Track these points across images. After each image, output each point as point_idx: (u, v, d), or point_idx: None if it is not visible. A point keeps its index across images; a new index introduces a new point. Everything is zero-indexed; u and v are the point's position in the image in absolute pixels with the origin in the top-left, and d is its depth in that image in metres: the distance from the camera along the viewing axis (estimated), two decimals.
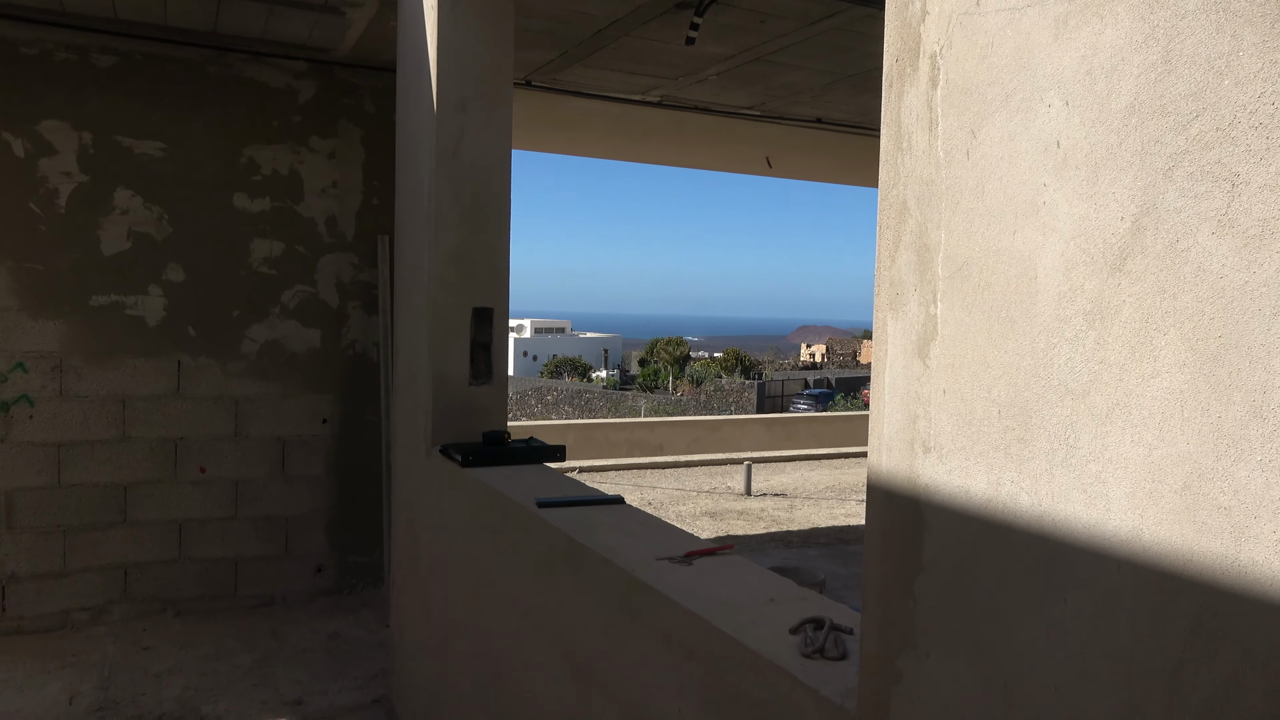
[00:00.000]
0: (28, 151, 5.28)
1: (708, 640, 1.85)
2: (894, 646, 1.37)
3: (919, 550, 1.33)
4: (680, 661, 1.95)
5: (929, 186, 1.33)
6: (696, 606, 1.93)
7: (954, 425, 1.28)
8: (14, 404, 5.28)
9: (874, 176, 9.47)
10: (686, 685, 1.93)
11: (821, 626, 1.78)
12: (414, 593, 4.11)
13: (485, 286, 3.89)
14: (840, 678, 1.59)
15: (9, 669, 4.84)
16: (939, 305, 1.31)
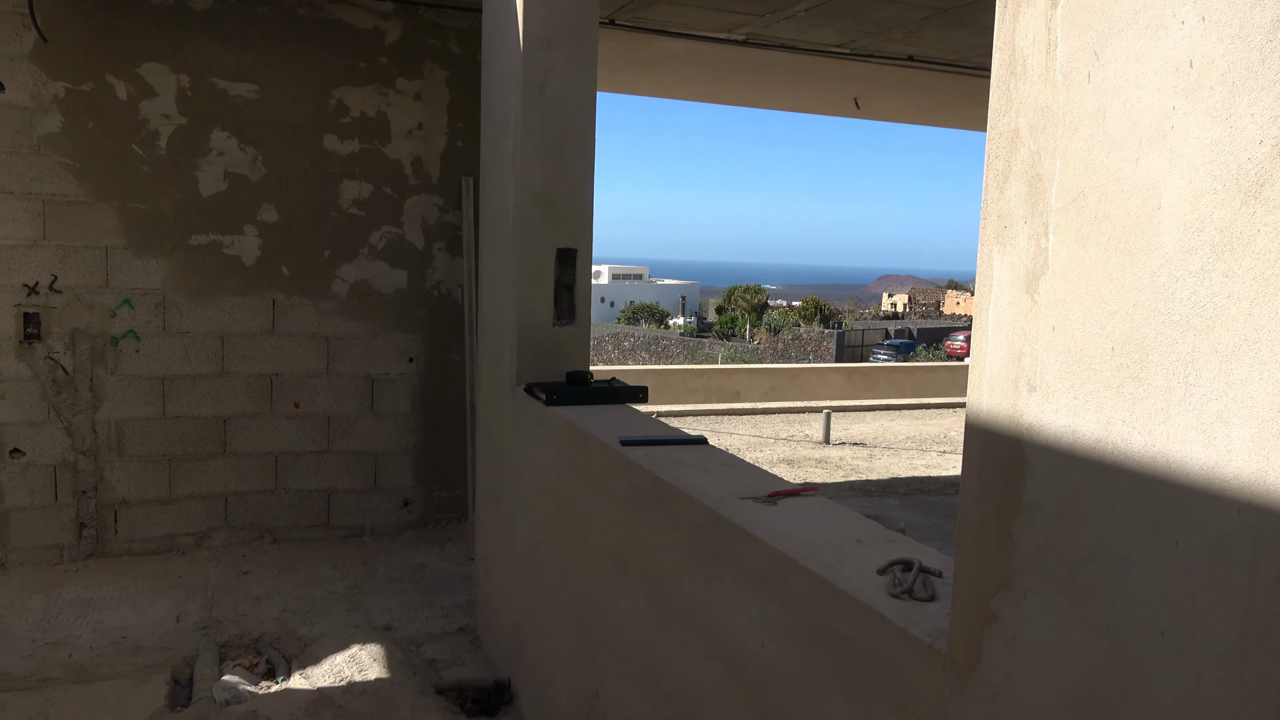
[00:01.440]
0: (130, 94, 5.46)
1: (793, 578, 1.86)
2: (989, 588, 1.35)
3: (1019, 492, 1.30)
4: (765, 598, 1.96)
5: (1044, 113, 1.26)
6: (782, 545, 1.93)
7: (1062, 363, 1.23)
8: (122, 338, 5.54)
9: (966, 117, 9.11)
10: (771, 621, 1.94)
11: (910, 568, 1.76)
12: (498, 527, 4.22)
13: (569, 227, 3.89)
14: (929, 618, 1.58)
15: (122, 587, 5.15)
16: (1051, 238, 1.25)
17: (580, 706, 3.11)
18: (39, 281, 5.36)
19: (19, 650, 4.32)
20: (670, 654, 2.42)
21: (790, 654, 1.87)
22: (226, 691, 3.90)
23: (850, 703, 1.68)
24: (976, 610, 1.37)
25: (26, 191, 5.29)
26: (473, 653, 4.41)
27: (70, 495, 5.50)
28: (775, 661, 1.93)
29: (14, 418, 5.35)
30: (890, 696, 1.58)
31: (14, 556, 5.40)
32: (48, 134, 5.31)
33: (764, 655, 1.97)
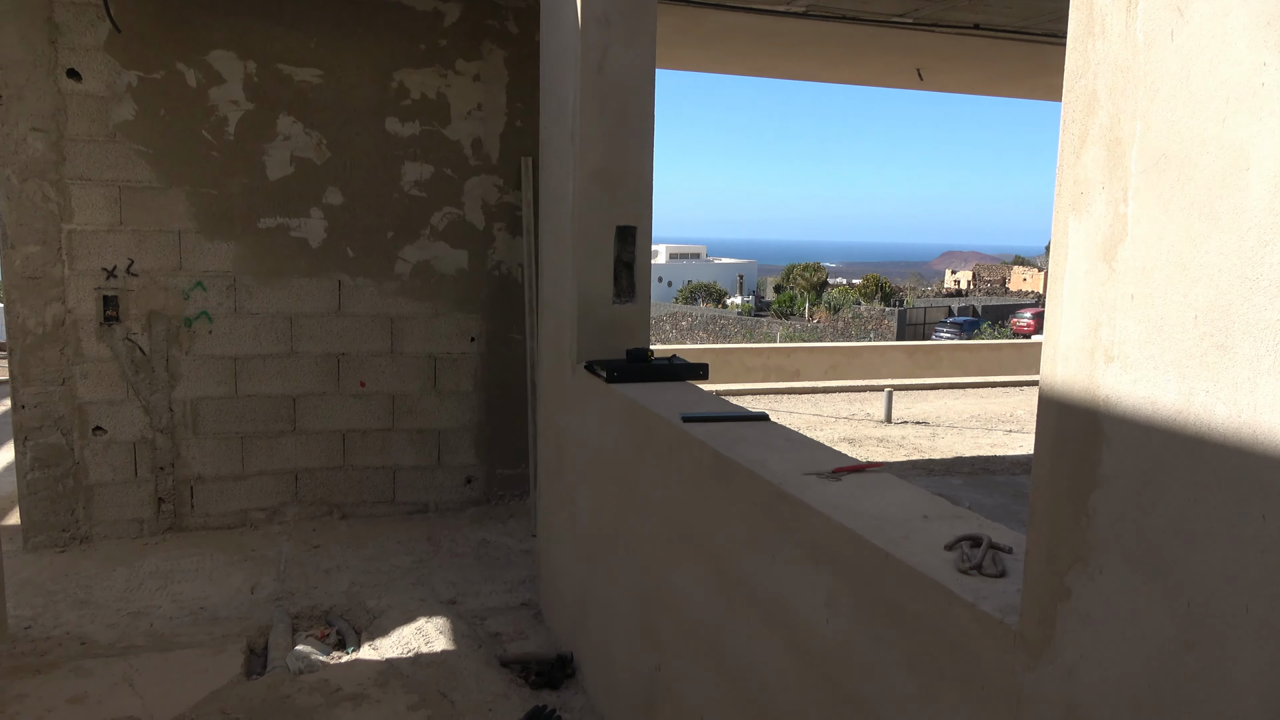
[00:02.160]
0: (199, 81, 5.60)
1: (858, 553, 1.84)
2: (1063, 563, 1.32)
3: (1095, 464, 1.27)
4: (829, 573, 1.95)
5: (1124, 74, 1.22)
6: (847, 520, 1.92)
7: (1142, 332, 1.20)
8: (195, 320, 5.72)
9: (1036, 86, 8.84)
10: (835, 596, 1.93)
11: (979, 544, 1.74)
12: (560, 504, 4.26)
13: (629, 204, 3.89)
14: (999, 594, 1.55)
15: (199, 560, 5.34)
16: (1130, 204, 1.21)
17: (642, 680, 3.14)
18: (117, 265, 5.54)
19: (104, 619, 4.51)
20: (733, 629, 2.43)
21: (855, 630, 1.86)
22: (300, 661, 4.02)
23: (917, 678, 1.67)
24: (1050, 585, 1.34)
25: (104, 178, 5.47)
26: (535, 627, 4.48)
27: (149, 471, 5.71)
28: (839, 637, 1.92)
29: (95, 397, 5.57)
30: (958, 672, 1.56)
31: (98, 530, 5.63)
32: (122, 122, 5.47)
33: (828, 631, 1.96)
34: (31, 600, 4.71)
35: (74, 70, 5.35)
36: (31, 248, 5.36)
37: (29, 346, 5.40)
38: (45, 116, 5.31)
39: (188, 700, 3.69)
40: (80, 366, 5.51)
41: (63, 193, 5.39)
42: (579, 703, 3.73)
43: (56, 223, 5.40)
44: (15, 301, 5.36)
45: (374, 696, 3.74)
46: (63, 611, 4.59)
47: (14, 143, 5.27)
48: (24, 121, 5.28)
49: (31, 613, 4.56)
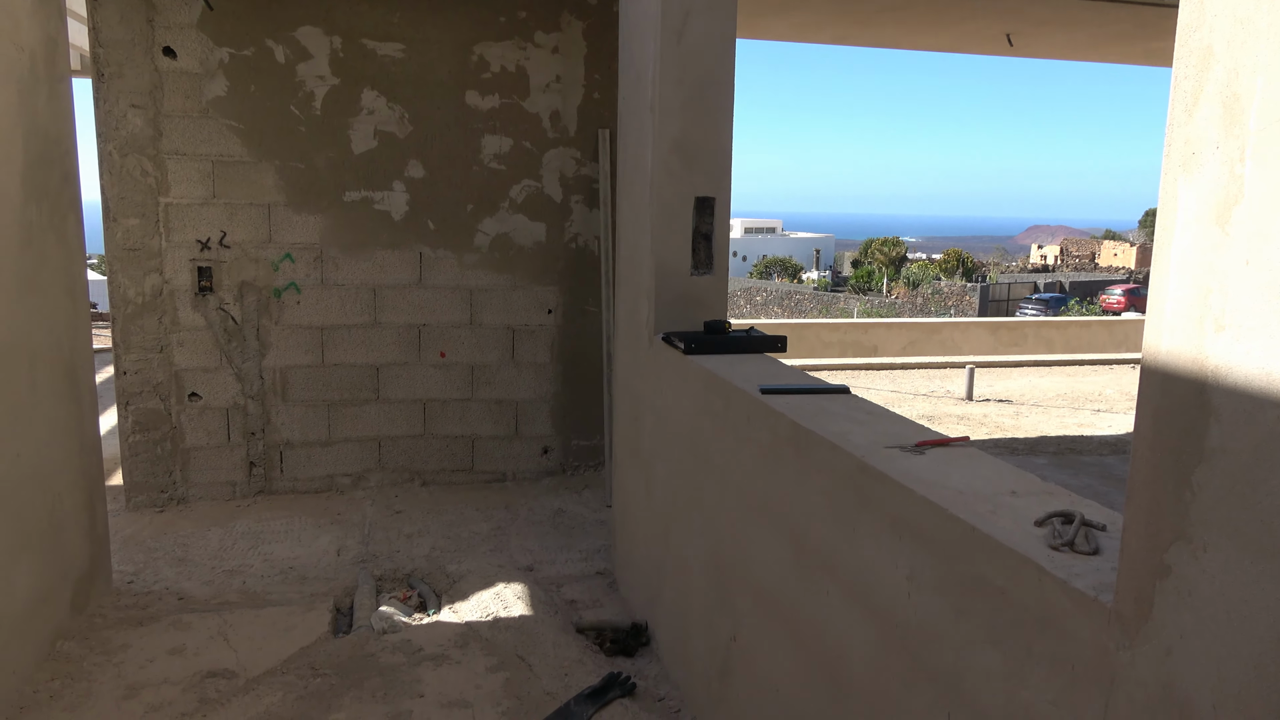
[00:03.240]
0: (287, 57, 5.73)
1: (943, 527, 1.81)
2: (1164, 539, 1.27)
3: (1201, 438, 1.22)
4: (912, 547, 1.92)
5: (1243, 25, 1.15)
6: (932, 494, 1.88)
7: (1257, 300, 1.14)
8: (284, 290, 5.89)
9: (1134, 50, 8.43)
10: (918, 570, 1.90)
11: (1071, 521, 1.69)
12: (635, 474, 4.29)
13: (707, 175, 3.86)
14: (1093, 571, 1.51)
15: (288, 522, 5.54)
16: (1247, 164, 1.15)
17: (717, 650, 3.15)
18: (210, 237, 5.74)
19: (201, 576, 4.72)
20: (810, 601, 2.41)
21: (938, 604, 1.83)
22: (383, 621, 4.15)
23: (1003, 654, 1.64)
24: (1149, 562, 1.30)
25: (198, 153, 5.66)
26: (610, 595, 4.53)
27: (241, 436, 5.93)
28: (921, 611, 1.89)
29: (191, 364, 5.80)
30: (1047, 649, 1.52)
31: (194, 492, 5.89)
32: (215, 98, 5.65)
33: (909, 605, 1.93)
34: (133, 556, 4.95)
35: (169, 48, 5.53)
36: (131, 220, 5.59)
37: (129, 315, 5.65)
38: (143, 93, 5.51)
39: (278, 655, 3.84)
40: (177, 335, 5.74)
41: (160, 167, 5.60)
42: (653, 670, 3.76)
43: (154, 196, 5.61)
44: (117, 272, 5.61)
45: (454, 657, 3.83)
46: (162, 568, 4.82)
47: (114, 119, 5.48)
48: (123, 98, 5.48)
49: (133, 568, 4.80)
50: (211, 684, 3.61)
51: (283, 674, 3.69)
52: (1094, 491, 6.31)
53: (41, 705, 3.44)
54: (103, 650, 3.86)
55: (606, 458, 6.06)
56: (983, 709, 1.70)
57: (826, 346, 13.79)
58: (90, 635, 3.98)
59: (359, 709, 3.44)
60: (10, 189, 3.52)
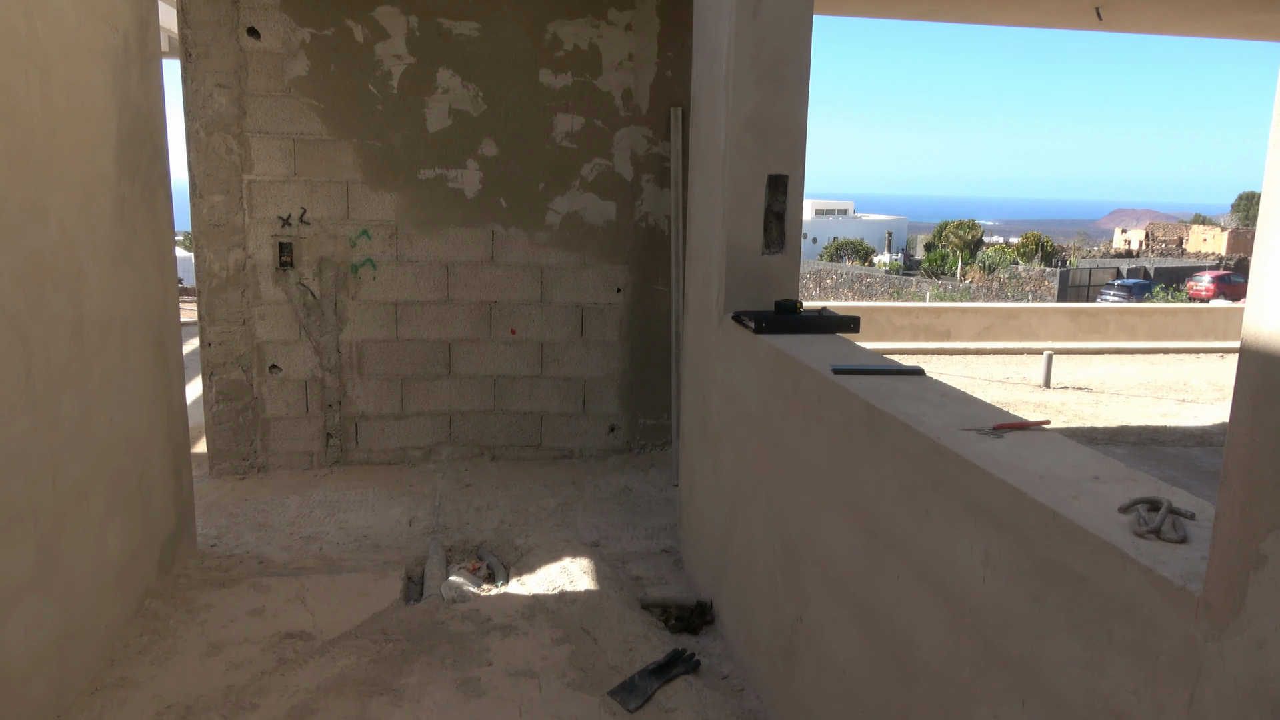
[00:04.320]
0: (366, 37, 5.83)
1: (1022, 512, 1.76)
2: (1260, 528, 1.22)
3: None
4: (988, 532, 1.88)
5: None
6: (1010, 477, 1.84)
7: None
8: (361, 266, 6.02)
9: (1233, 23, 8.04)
10: (994, 555, 1.86)
11: (1157, 508, 1.63)
12: (702, 454, 4.28)
13: (781, 153, 3.81)
14: (1180, 560, 1.45)
15: (362, 492, 5.69)
16: None
17: (783, 630, 3.14)
18: (291, 214, 5.89)
19: (279, 542, 4.88)
20: (880, 584, 2.39)
21: (1015, 590, 1.79)
22: (453, 591, 4.24)
23: (1082, 642, 1.59)
24: (1243, 551, 1.25)
25: (280, 131, 5.80)
26: (675, 573, 4.55)
27: (318, 408, 6.10)
28: (997, 596, 1.85)
29: (272, 337, 5.98)
30: (1129, 639, 1.48)
31: (274, 460, 6.08)
32: (296, 77, 5.78)
33: (984, 590, 1.90)
34: (216, 521, 5.14)
35: (254, 29, 5.67)
36: (216, 197, 5.77)
37: (214, 289, 5.84)
38: (228, 73, 5.67)
39: (353, 620, 3.95)
40: (259, 308, 5.92)
41: (243, 145, 5.76)
42: (718, 649, 3.77)
43: (238, 173, 5.78)
44: (203, 247, 5.80)
45: (521, 628, 3.90)
46: (243, 533, 5.00)
47: (201, 98, 5.65)
48: (210, 78, 5.65)
49: (216, 532, 4.99)
50: (289, 645, 3.74)
51: (357, 638, 3.80)
52: (1179, 483, 6.09)
53: (131, 659, 3.61)
54: (187, 609, 4.03)
55: (673, 436, 6.07)
56: (1060, 697, 1.66)
57: (897, 330, 13.56)
58: (176, 595, 4.15)
59: (429, 674, 3.53)
60: (105, 165, 3.66)
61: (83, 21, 3.48)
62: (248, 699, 3.34)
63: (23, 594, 2.98)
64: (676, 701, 3.37)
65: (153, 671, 3.52)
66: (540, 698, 3.40)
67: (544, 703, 3.37)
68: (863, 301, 30.72)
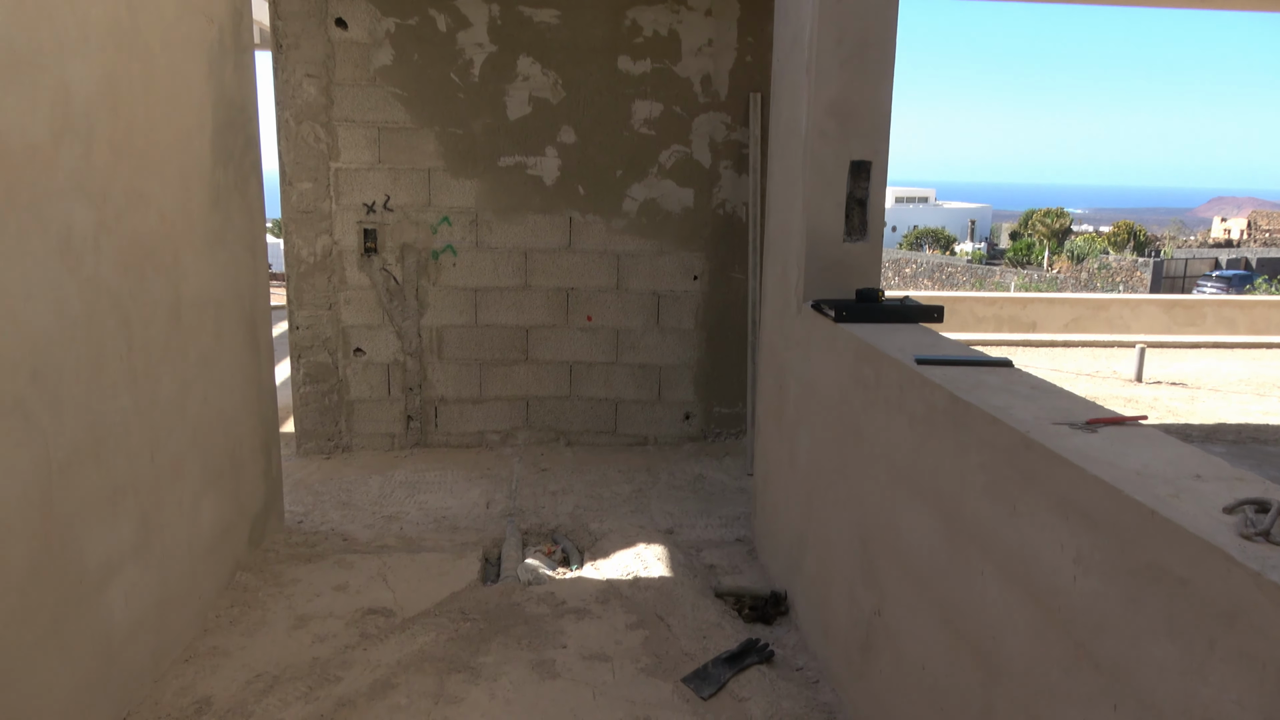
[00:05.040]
0: (448, 26, 5.90)
1: (1117, 510, 1.70)
2: None
3: None
4: (1080, 529, 1.81)
5: None
6: (1105, 474, 1.77)
7: None
8: (441, 253, 6.13)
9: None
10: (1086, 554, 1.79)
11: (1266, 509, 1.55)
12: (778, 443, 4.24)
13: (864, 138, 3.73)
14: None
15: (441, 474, 5.80)
16: None
17: (859, 623, 3.09)
18: (375, 201, 6.03)
19: (362, 520, 5.01)
20: (962, 580, 2.33)
21: (1108, 590, 1.73)
22: (529, 573, 4.29)
23: (1179, 647, 1.53)
24: None
25: (365, 120, 5.93)
26: (749, 563, 4.52)
27: (400, 391, 6.24)
28: (1088, 596, 1.79)
29: (356, 321, 6.13)
30: (1233, 645, 1.41)
31: (357, 441, 6.25)
32: (381, 67, 5.89)
33: (1075, 589, 1.83)
34: (303, 499, 5.31)
35: (341, 19, 5.80)
36: (305, 184, 5.93)
37: (302, 274, 6.02)
38: (316, 63, 5.81)
39: (432, 598, 4.04)
40: (344, 293, 6.08)
41: (331, 133, 5.90)
42: (792, 640, 3.74)
43: (325, 161, 5.93)
44: (291, 233, 5.97)
45: (595, 612, 3.93)
46: (328, 510, 5.15)
47: (291, 88, 5.81)
48: (299, 68, 5.80)
49: (303, 509, 5.15)
50: (371, 620, 3.84)
51: (435, 616, 3.88)
52: None
53: (222, 629, 3.75)
54: (275, 583, 4.17)
55: (749, 425, 6.03)
56: (1155, 703, 1.59)
57: (980, 321, 13.21)
58: (264, 568, 4.30)
59: (505, 654, 3.58)
60: (202, 153, 3.80)
61: (181, 14, 3.60)
62: (332, 671, 3.45)
63: (124, 563, 3.12)
64: (750, 691, 3.35)
65: (243, 641, 3.66)
66: (614, 681, 3.42)
67: (617, 686, 3.39)
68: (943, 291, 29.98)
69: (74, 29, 2.80)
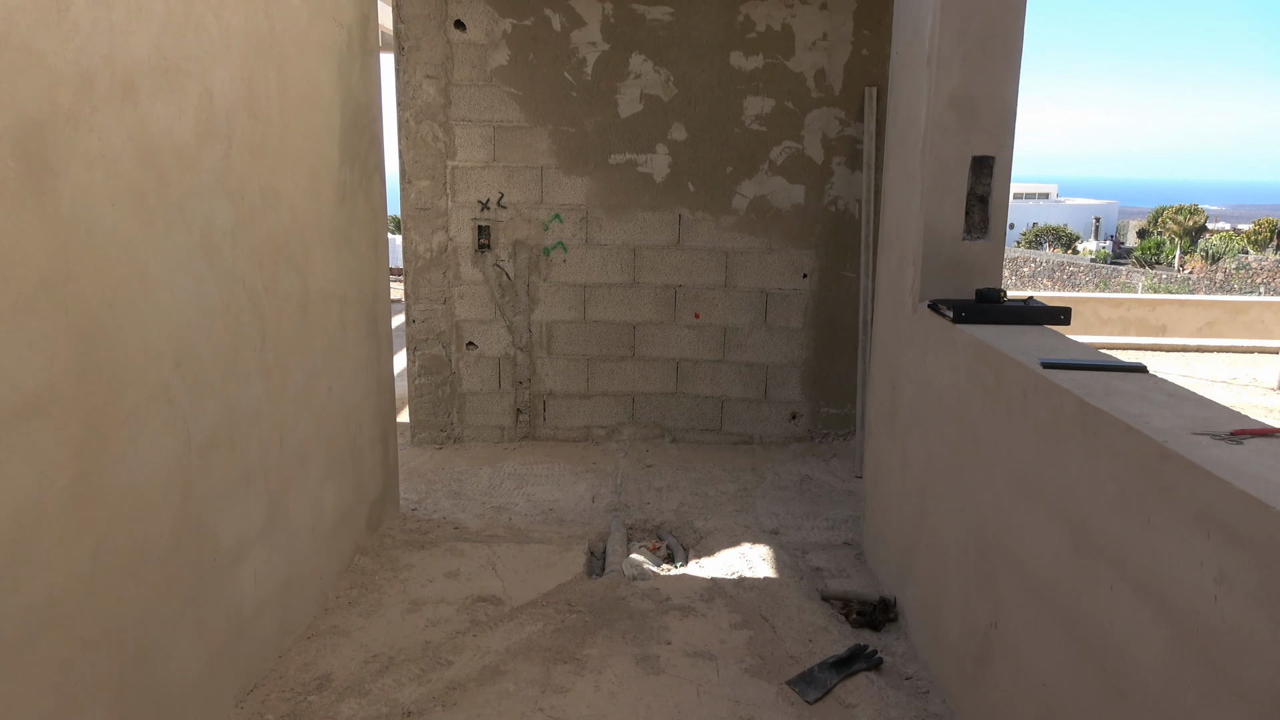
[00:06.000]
0: (563, 25, 5.99)
1: (1267, 527, 1.59)
2: None
3: None
4: (1223, 547, 1.71)
5: None
6: (1252, 488, 1.66)
7: None
8: (552, 249, 6.23)
9: None
10: (1230, 573, 1.69)
11: None
12: (890, 446, 4.15)
13: (987, 133, 3.60)
14: None
15: (548, 467, 5.90)
16: None
17: (974, 635, 3.00)
18: (489, 198, 6.17)
19: (472, 509, 5.14)
20: (1089, 594, 2.22)
21: (1255, 612, 1.62)
22: (633, 568, 4.32)
23: None
24: None
25: (481, 119, 6.07)
26: (857, 567, 4.44)
27: (510, 384, 6.37)
28: (1231, 619, 1.68)
29: (470, 316, 6.29)
30: None
31: (468, 433, 6.42)
32: (497, 67, 6.02)
33: (1215, 610, 1.73)
34: (416, 487, 5.48)
35: (460, 21, 5.95)
36: (423, 182, 6.12)
37: (419, 269, 6.21)
38: (436, 64, 5.98)
39: (539, 589, 4.12)
40: (458, 288, 6.24)
41: (448, 132, 6.07)
42: (901, 648, 3.65)
43: (443, 160, 6.10)
44: (410, 229, 6.17)
45: (700, 610, 3.93)
46: (440, 499, 5.30)
47: (411, 89, 6.00)
48: (419, 70, 5.98)
49: (417, 497, 5.32)
50: (481, 608, 3.94)
51: (542, 606, 3.95)
52: None
53: (341, 609, 3.91)
54: (391, 567, 4.32)
55: (858, 427, 5.92)
56: None
57: (1104, 324, 12.62)
58: (381, 553, 4.47)
59: (610, 647, 3.62)
60: (330, 152, 3.96)
61: (314, 19, 3.77)
62: (443, 655, 3.55)
63: (254, 542, 3.29)
64: (857, 698, 3.29)
65: (361, 622, 3.81)
66: (718, 680, 3.41)
67: (721, 686, 3.38)
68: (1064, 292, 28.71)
69: (218, 37, 2.96)
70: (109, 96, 2.39)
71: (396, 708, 3.20)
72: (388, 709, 3.20)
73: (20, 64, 2.08)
